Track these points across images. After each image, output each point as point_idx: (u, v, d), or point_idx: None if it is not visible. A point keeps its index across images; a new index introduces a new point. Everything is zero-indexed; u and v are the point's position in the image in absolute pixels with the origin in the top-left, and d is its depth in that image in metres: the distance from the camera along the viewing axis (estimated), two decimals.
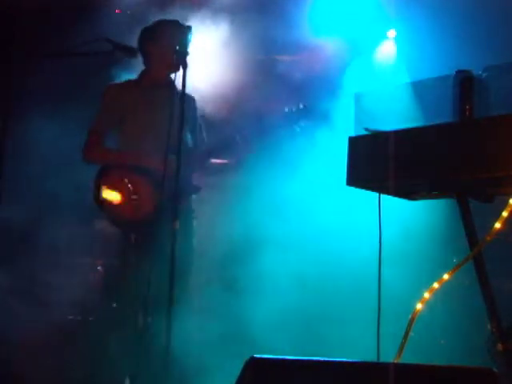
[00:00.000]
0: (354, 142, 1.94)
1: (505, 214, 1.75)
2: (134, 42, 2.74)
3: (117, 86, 3.03)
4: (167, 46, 2.80)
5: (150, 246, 2.64)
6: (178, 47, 2.46)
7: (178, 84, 2.47)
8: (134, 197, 2.81)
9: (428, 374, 1.67)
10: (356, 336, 2.83)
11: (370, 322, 1.88)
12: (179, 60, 2.50)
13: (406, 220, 2.91)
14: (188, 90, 2.65)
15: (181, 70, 2.49)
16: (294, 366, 1.80)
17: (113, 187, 2.85)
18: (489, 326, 1.92)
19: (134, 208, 2.83)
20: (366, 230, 2.65)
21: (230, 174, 3.14)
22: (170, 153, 2.54)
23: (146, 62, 2.99)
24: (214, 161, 3.06)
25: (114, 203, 2.81)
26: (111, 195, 2.80)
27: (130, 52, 2.49)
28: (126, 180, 2.83)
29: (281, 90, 3.69)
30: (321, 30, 3.93)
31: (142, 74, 3.03)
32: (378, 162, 1.91)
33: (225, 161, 3.06)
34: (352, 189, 1.97)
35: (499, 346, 1.85)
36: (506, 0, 3.55)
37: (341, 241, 3.26)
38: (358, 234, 3.11)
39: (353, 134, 1.92)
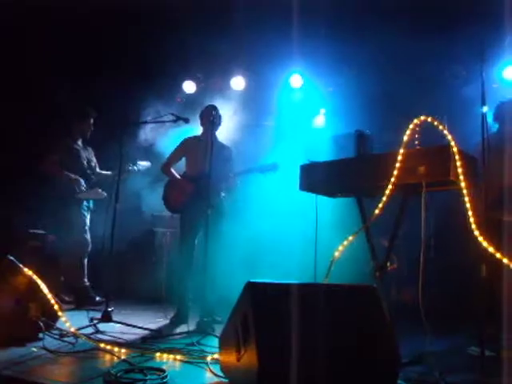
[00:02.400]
0: (303, 167, 3.44)
1: (380, 205, 3.19)
2: (187, 115, 4.56)
3: (187, 138, 4.85)
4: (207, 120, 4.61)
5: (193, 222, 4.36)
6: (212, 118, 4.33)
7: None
8: (183, 195, 4.55)
9: (337, 290, 2.48)
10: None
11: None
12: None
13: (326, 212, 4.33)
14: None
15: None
16: (282, 288, 2.33)
17: (174, 189, 4.63)
18: (372, 263, 3.35)
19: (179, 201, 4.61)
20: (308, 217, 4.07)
21: None
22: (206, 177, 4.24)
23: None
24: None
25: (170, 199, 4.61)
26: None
27: (185, 120, 4.02)
28: (180, 186, 4.64)
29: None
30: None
31: (201, 133, 4.84)
32: (316, 177, 3.39)
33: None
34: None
35: (377, 274, 3.28)
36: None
37: (291, 222, 5.02)
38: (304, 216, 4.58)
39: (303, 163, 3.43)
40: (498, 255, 2.85)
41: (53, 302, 3.46)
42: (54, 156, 5.27)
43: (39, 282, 3.47)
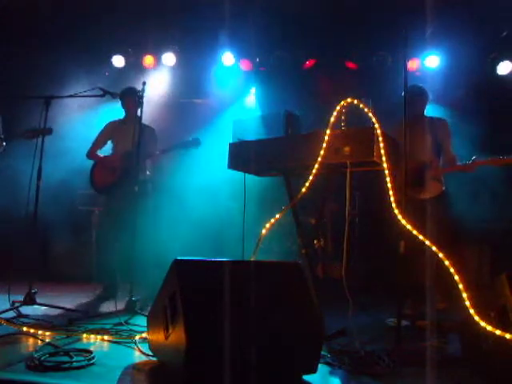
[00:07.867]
0: (232, 145, 3.44)
1: (307, 184, 3.26)
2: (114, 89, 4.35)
3: (111, 122, 4.94)
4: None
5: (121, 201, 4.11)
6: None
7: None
8: (112, 175, 4.55)
9: (265, 267, 2.57)
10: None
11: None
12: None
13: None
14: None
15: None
16: (209, 265, 2.35)
17: (100, 170, 4.61)
18: (298, 241, 3.46)
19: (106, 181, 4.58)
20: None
21: None
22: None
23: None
24: None
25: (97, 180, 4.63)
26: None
27: (112, 95, 3.82)
28: (108, 166, 4.68)
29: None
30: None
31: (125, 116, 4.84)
32: (244, 156, 3.42)
33: None
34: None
35: (302, 251, 3.39)
36: None
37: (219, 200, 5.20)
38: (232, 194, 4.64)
39: (231, 141, 3.42)
40: (415, 232, 3.01)
41: None
42: None
43: None
